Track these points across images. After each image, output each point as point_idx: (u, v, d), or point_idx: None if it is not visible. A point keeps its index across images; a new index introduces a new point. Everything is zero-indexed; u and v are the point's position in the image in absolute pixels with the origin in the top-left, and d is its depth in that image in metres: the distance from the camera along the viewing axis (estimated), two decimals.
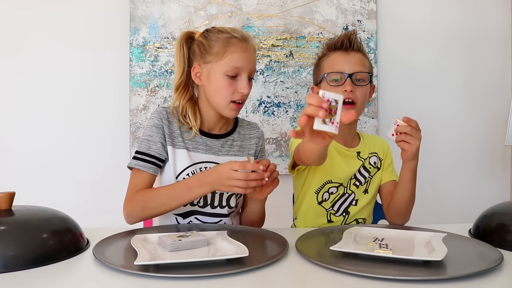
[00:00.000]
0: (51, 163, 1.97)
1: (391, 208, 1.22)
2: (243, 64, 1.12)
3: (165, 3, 1.95)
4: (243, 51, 1.13)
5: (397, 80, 2.06)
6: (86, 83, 1.98)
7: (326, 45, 1.28)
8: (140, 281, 0.72)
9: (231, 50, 1.12)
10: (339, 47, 1.24)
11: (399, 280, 0.71)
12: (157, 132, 1.15)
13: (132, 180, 1.13)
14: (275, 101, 1.99)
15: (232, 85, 1.12)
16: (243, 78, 1.13)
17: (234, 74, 1.12)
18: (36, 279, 0.74)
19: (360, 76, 1.21)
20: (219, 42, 1.12)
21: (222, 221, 1.20)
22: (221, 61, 1.12)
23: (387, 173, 1.31)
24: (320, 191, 1.25)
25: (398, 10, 2.07)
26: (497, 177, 2.13)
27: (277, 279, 0.75)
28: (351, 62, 1.21)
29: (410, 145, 1.05)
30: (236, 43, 1.12)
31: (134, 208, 1.09)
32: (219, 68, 1.12)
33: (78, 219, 0.98)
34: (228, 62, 1.11)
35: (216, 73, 1.13)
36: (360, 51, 1.24)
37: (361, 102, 1.22)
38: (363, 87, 1.21)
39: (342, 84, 1.20)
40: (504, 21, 2.11)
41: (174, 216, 1.18)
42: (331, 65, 1.23)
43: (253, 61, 1.16)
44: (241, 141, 1.25)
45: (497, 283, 0.72)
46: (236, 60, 1.11)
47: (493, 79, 2.11)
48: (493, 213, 1.03)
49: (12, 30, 1.95)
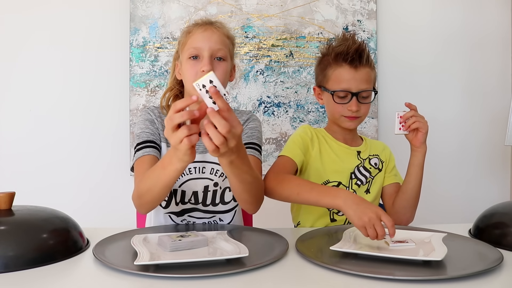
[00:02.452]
0: (51, 163, 1.97)
1: (398, 203, 1.22)
2: (202, 44, 1.10)
3: (165, 3, 1.95)
4: (202, 31, 1.12)
5: (397, 80, 2.06)
6: (86, 83, 1.98)
7: (334, 54, 1.21)
8: (140, 281, 0.72)
9: (190, 34, 1.13)
10: (349, 61, 1.19)
11: (399, 280, 0.71)
12: (151, 125, 1.16)
13: (135, 173, 1.10)
14: (275, 101, 1.99)
15: (195, 67, 1.10)
16: (204, 57, 1.09)
17: (194, 54, 1.11)
18: (36, 279, 0.74)
19: (365, 94, 1.21)
20: (184, 33, 1.16)
21: (215, 216, 1.20)
22: (184, 48, 1.13)
23: (390, 176, 1.31)
24: None
25: (398, 10, 2.07)
26: (497, 177, 2.13)
27: (277, 279, 0.75)
28: (358, 80, 1.19)
29: (423, 123, 1.12)
30: (196, 28, 1.14)
31: (134, 200, 1.05)
32: (184, 55, 1.13)
33: (79, 219, 0.98)
34: (188, 46, 1.12)
35: (183, 62, 1.14)
36: (368, 65, 1.21)
37: (364, 116, 1.24)
38: (367, 104, 1.23)
39: (348, 102, 1.19)
40: (504, 21, 2.11)
41: (168, 215, 1.18)
42: (338, 81, 1.20)
43: (214, 39, 1.11)
44: None
45: (497, 283, 0.72)
46: (195, 41, 1.11)
47: (493, 79, 2.11)
48: (493, 213, 1.03)
49: (12, 30, 1.95)
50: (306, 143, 1.24)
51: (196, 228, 1.10)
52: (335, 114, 1.24)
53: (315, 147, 1.25)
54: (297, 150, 1.21)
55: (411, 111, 1.14)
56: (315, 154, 1.25)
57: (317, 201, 1.02)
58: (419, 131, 1.14)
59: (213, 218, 1.20)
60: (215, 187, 1.18)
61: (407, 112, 1.14)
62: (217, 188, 1.18)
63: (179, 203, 1.17)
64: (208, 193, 1.18)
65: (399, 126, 1.14)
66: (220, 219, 1.21)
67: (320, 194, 1.02)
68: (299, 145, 1.23)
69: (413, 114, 1.13)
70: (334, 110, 1.23)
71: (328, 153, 1.26)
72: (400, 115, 1.14)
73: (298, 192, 1.05)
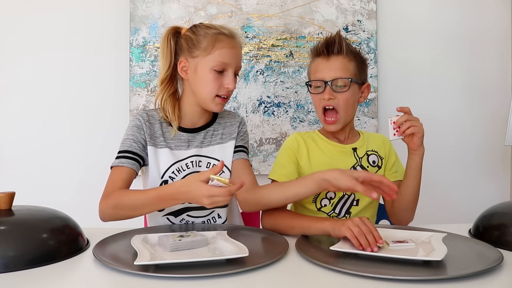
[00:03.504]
0: (51, 163, 1.96)
1: (396, 205, 1.22)
2: (230, 60, 1.15)
3: (165, 3, 1.95)
4: (231, 47, 1.15)
5: (397, 80, 2.06)
6: (86, 83, 1.98)
7: (310, 50, 1.28)
8: (140, 281, 0.72)
9: (219, 45, 1.14)
10: (321, 53, 1.23)
11: (399, 280, 0.71)
12: (137, 132, 1.17)
13: (109, 178, 1.13)
14: (275, 101, 1.99)
15: (219, 80, 1.15)
16: (229, 74, 1.16)
17: (221, 69, 1.15)
18: (36, 279, 0.74)
19: (341, 83, 1.20)
20: (208, 38, 1.14)
21: (214, 211, 1.21)
22: (209, 56, 1.14)
23: (390, 173, 1.29)
24: (316, 199, 1.24)
25: (398, 10, 2.07)
26: (497, 177, 2.13)
27: (277, 279, 0.75)
28: (331, 68, 1.21)
29: (418, 127, 1.10)
30: (224, 39, 1.15)
31: (106, 206, 1.07)
32: (207, 62, 1.14)
33: (78, 219, 0.98)
34: (216, 57, 1.13)
35: (203, 68, 1.14)
36: (341, 54, 1.21)
37: (344, 108, 1.21)
38: (345, 93, 1.21)
39: (322, 92, 1.21)
40: (503, 21, 2.11)
41: (166, 217, 1.18)
42: (313, 72, 1.25)
43: (239, 57, 1.19)
44: (222, 129, 1.27)
45: (497, 283, 0.72)
46: (224, 56, 1.14)
47: (493, 78, 2.11)
48: (493, 213, 1.03)
49: (12, 30, 1.95)
50: (294, 155, 1.26)
51: (196, 228, 1.10)
52: (317, 111, 1.26)
53: (303, 156, 1.26)
54: (284, 169, 1.23)
55: (404, 116, 1.10)
56: (304, 163, 1.25)
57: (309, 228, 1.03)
58: (415, 135, 1.11)
59: (212, 215, 1.20)
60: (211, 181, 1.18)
61: (400, 116, 1.11)
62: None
63: None
64: None
65: (393, 132, 1.11)
66: (219, 214, 1.21)
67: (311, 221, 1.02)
68: (286, 160, 1.25)
69: (406, 118, 1.10)
70: (315, 106, 1.26)
71: (318, 157, 1.26)
72: (393, 120, 1.11)
73: (292, 226, 1.06)
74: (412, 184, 1.18)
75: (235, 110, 1.96)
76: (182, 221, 1.19)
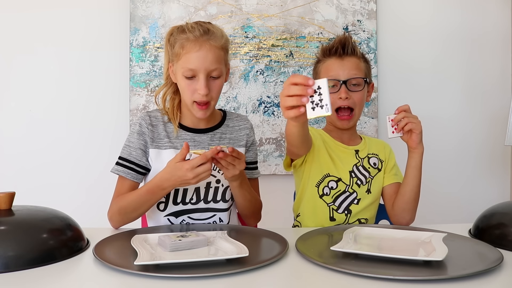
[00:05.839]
0: (50, 163, 1.96)
1: (397, 205, 1.22)
2: (197, 65, 1.09)
3: (165, 3, 1.95)
4: (196, 50, 1.09)
5: (397, 80, 2.06)
6: (86, 83, 1.98)
7: (321, 51, 1.30)
8: (140, 281, 0.72)
9: (184, 51, 1.11)
10: (334, 53, 1.26)
11: (399, 280, 0.71)
12: (138, 138, 1.17)
13: (116, 186, 1.18)
14: (275, 101, 1.99)
15: (191, 86, 1.12)
16: (200, 78, 1.10)
17: (190, 75, 1.11)
18: (36, 279, 0.74)
19: (355, 82, 1.24)
20: (177, 43, 1.12)
21: (216, 216, 1.20)
22: (179, 62, 1.12)
23: (390, 175, 1.31)
24: (320, 184, 1.25)
25: (398, 10, 2.07)
26: (497, 177, 2.13)
27: (277, 279, 0.75)
28: (345, 68, 1.24)
29: (416, 123, 1.12)
30: (189, 44, 1.10)
31: (113, 213, 1.12)
32: (178, 69, 1.13)
33: (78, 219, 0.98)
34: (183, 64, 1.11)
35: (177, 74, 1.14)
36: (354, 55, 1.25)
37: (358, 106, 1.26)
38: (359, 92, 1.24)
39: (338, 91, 1.23)
40: (504, 21, 2.11)
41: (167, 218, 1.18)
42: (326, 71, 1.26)
43: (209, 59, 1.10)
44: (230, 133, 1.26)
45: (497, 283, 0.72)
46: (189, 61, 1.10)
47: (493, 79, 2.11)
48: (493, 213, 1.03)
49: (12, 30, 1.95)
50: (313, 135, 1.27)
51: (196, 228, 1.10)
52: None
53: (317, 141, 1.27)
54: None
55: (401, 113, 1.13)
56: (317, 148, 1.26)
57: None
58: (413, 132, 1.13)
59: (213, 218, 1.20)
60: (217, 184, 1.19)
61: (397, 115, 1.14)
62: (219, 185, 1.19)
63: (179, 203, 1.17)
64: (210, 189, 1.18)
65: (392, 130, 1.15)
66: (220, 219, 1.21)
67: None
68: None
69: (404, 115, 1.13)
70: None
71: (325, 152, 1.27)
72: (391, 118, 1.14)
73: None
74: (412, 184, 1.19)
75: (235, 110, 1.96)
76: (183, 222, 1.19)
